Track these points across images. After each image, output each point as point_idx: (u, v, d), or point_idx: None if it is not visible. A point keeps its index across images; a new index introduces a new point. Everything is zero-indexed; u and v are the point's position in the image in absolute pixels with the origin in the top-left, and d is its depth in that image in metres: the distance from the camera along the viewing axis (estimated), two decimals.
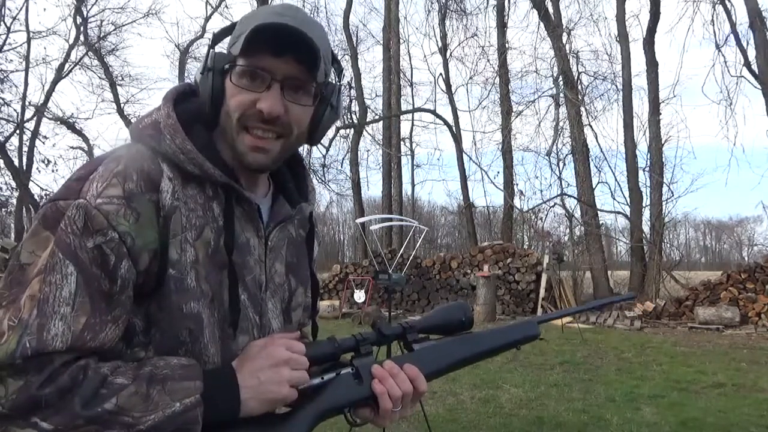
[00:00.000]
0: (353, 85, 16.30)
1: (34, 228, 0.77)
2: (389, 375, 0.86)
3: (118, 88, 17.31)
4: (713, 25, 12.59)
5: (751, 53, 11.55)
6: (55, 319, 0.72)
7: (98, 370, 0.74)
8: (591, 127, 14.04)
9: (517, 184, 15.26)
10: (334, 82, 0.95)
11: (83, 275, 0.74)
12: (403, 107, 17.45)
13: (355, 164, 16.39)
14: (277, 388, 0.79)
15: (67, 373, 0.72)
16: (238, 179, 0.88)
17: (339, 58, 0.97)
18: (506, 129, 14.74)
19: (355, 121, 16.08)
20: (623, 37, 12.96)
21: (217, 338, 0.85)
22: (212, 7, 16.49)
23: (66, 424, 0.70)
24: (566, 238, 16.02)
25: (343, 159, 17.75)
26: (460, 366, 0.87)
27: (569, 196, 13.95)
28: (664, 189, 12.55)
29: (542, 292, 11.13)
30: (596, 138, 14.58)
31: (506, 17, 15.51)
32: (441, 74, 16.68)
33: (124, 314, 0.78)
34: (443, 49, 16.60)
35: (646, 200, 12.65)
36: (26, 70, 17.14)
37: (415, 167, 19.82)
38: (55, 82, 16.87)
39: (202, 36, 16.96)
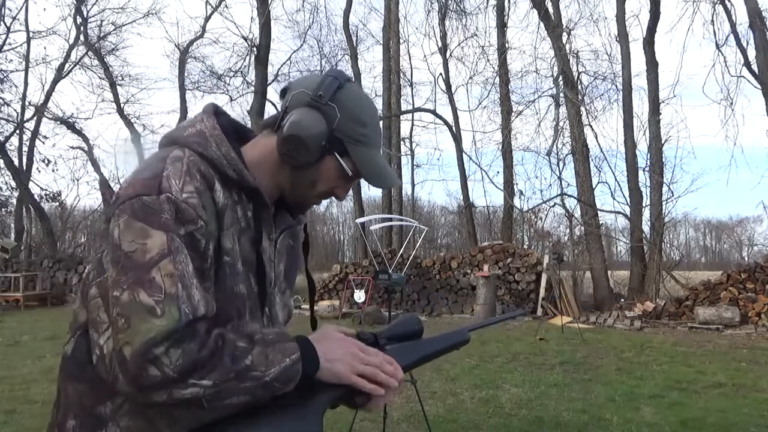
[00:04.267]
0: None
1: (125, 221, 0.87)
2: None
3: (118, 88, 17.28)
4: (713, 25, 12.60)
5: (751, 53, 11.55)
6: (193, 290, 0.86)
7: (227, 335, 0.88)
8: (591, 127, 14.04)
9: (517, 184, 15.26)
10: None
11: (190, 255, 0.88)
12: (403, 107, 17.44)
13: None
14: (347, 369, 0.95)
15: (212, 338, 0.85)
16: None
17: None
18: (506, 129, 14.74)
19: None
20: (623, 37, 12.95)
21: (251, 318, 1.00)
22: (212, 7, 16.46)
23: (221, 379, 0.84)
24: (566, 238, 16.02)
25: None
26: (419, 363, 1.08)
27: (569, 196, 13.96)
28: (664, 189, 12.55)
29: (542, 292, 11.13)
30: (596, 138, 14.59)
31: (506, 17, 15.50)
32: (441, 74, 16.68)
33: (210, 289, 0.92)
34: (443, 49, 16.60)
35: (646, 200, 12.65)
36: (26, 70, 17.16)
37: (415, 167, 19.82)
38: (55, 82, 16.86)
39: (202, 36, 16.93)
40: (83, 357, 0.94)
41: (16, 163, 16.45)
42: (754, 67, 11.45)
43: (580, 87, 14.09)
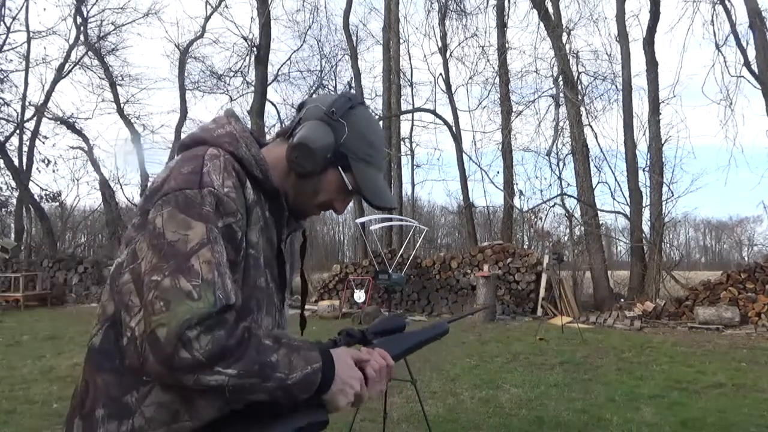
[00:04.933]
0: (353, 85, 16.29)
1: (169, 212, 0.93)
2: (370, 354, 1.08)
3: (118, 88, 17.25)
4: (713, 25, 12.58)
5: (751, 53, 11.55)
6: (226, 279, 0.91)
7: (254, 330, 0.92)
8: (591, 127, 14.02)
9: (517, 184, 15.23)
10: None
11: (225, 247, 0.95)
12: (403, 107, 17.43)
13: None
14: (346, 397, 1.00)
15: (240, 329, 0.89)
16: None
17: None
18: (506, 129, 14.73)
19: None
20: (623, 37, 12.95)
21: (266, 313, 1.07)
22: (212, 7, 16.45)
23: (246, 369, 0.88)
24: (566, 238, 16.01)
25: None
26: (406, 353, 1.16)
27: (569, 196, 13.94)
28: (664, 189, 12.54)
29: (542, 292, 11.13)
30: (596, 138, 14.58)
31: (506, 17, 15.48)
32: (441, 74, 16.66)
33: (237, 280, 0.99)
34: (443, 49, 16.58)
35: (646, 200, 12.64)
36: (26, 70, 17.13)
37: (415, 167, 19.77)
38: (55, 82, 16.84)
39: (202, 36, 16.92)
40: (111, 348, 0.98)
41: (16, 163, 16.43)
42: (754, 67, 11.45)
43: (580, 87, 14.08)
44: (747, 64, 11.84)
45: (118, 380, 0.96)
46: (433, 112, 16.67)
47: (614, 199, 13.66)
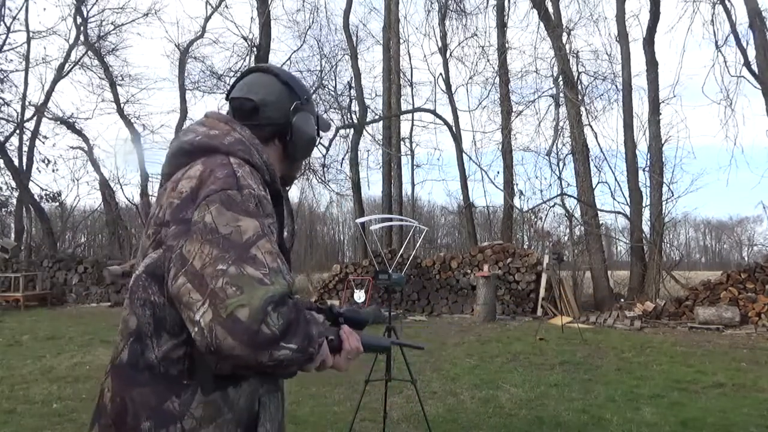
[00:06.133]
0: (353, 85, 16.28)
1: (217, 208, 0.99)
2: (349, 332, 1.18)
3: (118, 88, 17.22)
4: (713, 25, 12.57)
5: (751, 53, 11.53)
6: (284, 266, 1.00)
7: (299, 304, 1.00)
8: (591, 127, 14.00)
9: (517, 184, 15.22)
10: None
11: None
12: (403, 107, 17.41)
13: (355, 164, 16.35)
14: (345, 365, 1.13)
15: (294, 305, 0.97)
16: None
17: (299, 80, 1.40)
18: (506, 129, 14.73)
19: (355, 121, 16.06)
20: (623, 37, 12.94)
21: None
22: (212, 7, 16.41)
23: (301, 343, 0.96)
24: (566, 238, 16.00)
25: (343, 159, 17.72)
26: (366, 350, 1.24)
27: (569, 196, 13.93)
28: (664, 189, 12.53)
29: (542, 292, 11.13)
30: (596, 138, 14.58)
31: (506, 17, 15.48)
32: (441, 74, 16.64)
33: None
34: (443, 49, 16.57)
35: (646, 200, 12.63)
36: (26, 70, 17.11)
37: (415, 167, 19.75)
38: (55, 82, 16.82)
39: (202, 36, 16.89)
40: (140, 362, 1.02)
41: (16, 163, 16.41)
42: (754, 67, 11.44)
43: (580, 87, 14.07)
44: (747, 64, 11.83)
45: (152, 390, 1.01)
46: (433, 112, 16.66)
47: (614, 199, 13.66)
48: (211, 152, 1.11)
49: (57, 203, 18.31)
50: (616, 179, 13.62)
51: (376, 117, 17.19)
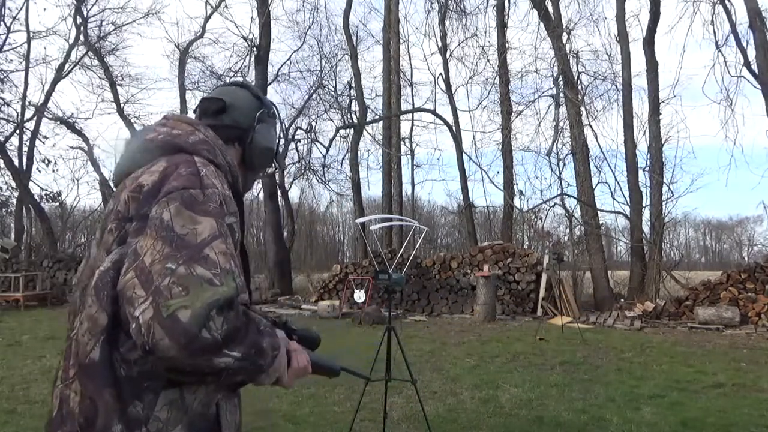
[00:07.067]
0: (353, 84, 16.29)
1: (176, 207, 0.98)
2: (299, 350, 1.18)
3: (118, 88, 17.22)
4: (713, 25, 12.58)
5: (751, 53, 11.53)
6: (238, 269, 0.98)
7: (249, 313, 0.99)
8: (591, 127, 14.01)
9: (517, 184, 15.23)
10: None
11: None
12: (403, 107, 17.41)
13: (355, 164, 16.37)
14: (291, 382, 1.13)
15: (242, 312, 0.95)
16: None
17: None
18: (506, 129, 14.73)
19: (355, 121, 16.07)
20: (623, 37, 12.95)
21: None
22: (212, 7, 16.42)
23: (246, 352, 0.94)
24: (566, 238, 16.00)
25: (343, 159, 17.75)
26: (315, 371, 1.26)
27: (569, 196, 13.93)
28: (664, 189, 12.54)
29: (542, 292, 11.13)
30: (596, 138, 14.56)
31: (506, 17, 15.48)
32: (441, 74, 16.64)
33: None
34: (443, 49, 16.57)
35: (646, 200, 12.63)
36: (26, 70, 17.10)
37: (415, 167, 19.76)
38: (55, 82, 16.81)
39: (202, 36, 16.89)
40: (110, 361, 0.99)
41: (16, 163, 16.41)
42: (754, 67, 11.44)
43: (580, 87, 14.07)
44: (747, 64, 11.83)
45: (120, 392, 0.98)
46: (433, 112, 16.65)
47: (614, 199, 13.67)
48: (175, 151, 1.11)
49: (57, 203, 18.33)
50: (616, 179, 13.64)
51: (376, 117, 17.19)
